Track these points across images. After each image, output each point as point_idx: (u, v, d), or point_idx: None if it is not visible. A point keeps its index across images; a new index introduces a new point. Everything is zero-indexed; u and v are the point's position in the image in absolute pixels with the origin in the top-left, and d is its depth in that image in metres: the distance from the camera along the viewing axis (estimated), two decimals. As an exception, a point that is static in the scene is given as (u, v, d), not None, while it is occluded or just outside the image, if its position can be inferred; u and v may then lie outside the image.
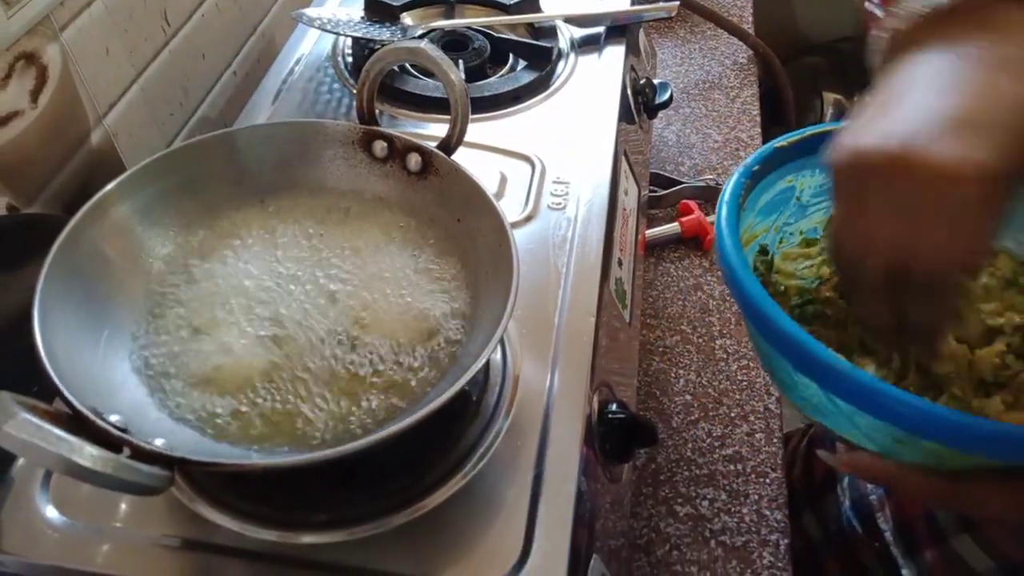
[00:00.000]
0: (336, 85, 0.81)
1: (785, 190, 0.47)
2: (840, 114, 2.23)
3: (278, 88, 0.80)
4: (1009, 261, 0.43)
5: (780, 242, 0.47)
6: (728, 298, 0.87)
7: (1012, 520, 0.41)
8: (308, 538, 0.48)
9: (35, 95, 0.63)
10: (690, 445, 0.73)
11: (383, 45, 0.77)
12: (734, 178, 0.44)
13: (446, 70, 0.56)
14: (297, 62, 0.84)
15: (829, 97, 2.21)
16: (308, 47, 0.86)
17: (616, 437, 0.56)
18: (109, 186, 0.53)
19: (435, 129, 0.75)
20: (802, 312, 0.43)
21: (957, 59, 0.34)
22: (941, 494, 0.37)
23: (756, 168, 0.45)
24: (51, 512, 0.49)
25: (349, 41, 0.86)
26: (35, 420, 0.35)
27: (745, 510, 0.69)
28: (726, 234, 0.40)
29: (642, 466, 0.72)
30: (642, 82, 0.87)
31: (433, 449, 0.51)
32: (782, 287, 0.44)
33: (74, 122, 0.68)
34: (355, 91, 0.60)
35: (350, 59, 0.84)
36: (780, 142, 0.46)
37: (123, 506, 0.49)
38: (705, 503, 0.68)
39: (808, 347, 0.35)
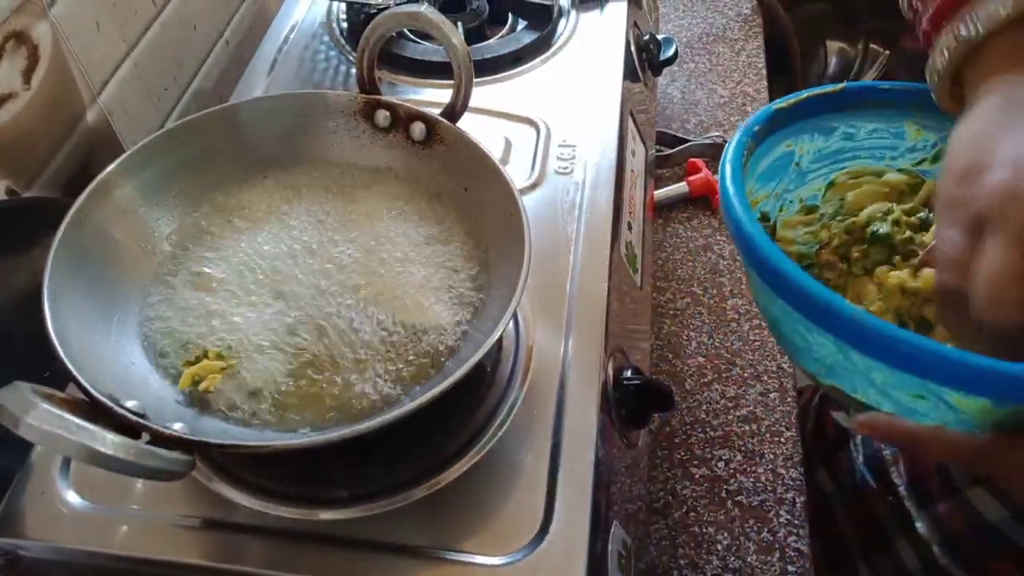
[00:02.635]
0: (332, 52, 0.79)
1: (784, 155, 0.46)
2: (843, 63, 2.20)
3: (273, 57, 0.79)
4: None
5: (780, 209, 0.46)
6: (738, 258, 0.86)
7: None
8: (327, 514, 0.48)
9: (27, 75, 0.61)
10: (704, 407, 0.73)
11: (379, 10, 0.76)
12: (736, 137, 0.43)
13: (448, 34, 0.54)
14: (292, 30, 0.82)
15: (833, 46, 2.16)
16: (301, 14, 0.84)
17: (632, 402, 0.56)
18: (111, 167, 0.52)
19: (435, 94, 0.73)
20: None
21: None
22: (960, 454, 0.36)
23: (757, 128, 0.43)
24: (71, 496, 0.49)
25: (343, 6, 0.84)
26: (54, 410, 0.35)
27: (761, 470, 0.69)
28: (732, 193, 0.39)
29: (657, 430, 0.72)
30: (646, 38, 0.85)
31: (450, 422, 0.51)
32: (791, 249, 0.43)
33: (68, 101, 0.67)
34: (352, 58, 0.59)
35: (345, 25, 0.82)
36: (780, 103, 0.45)
37: (143, 488, 0.49)
38: (721, 464, 0.68)
39: (824, 297, 0.33)
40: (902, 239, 0.39)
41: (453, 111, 0.58)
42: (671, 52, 0.86)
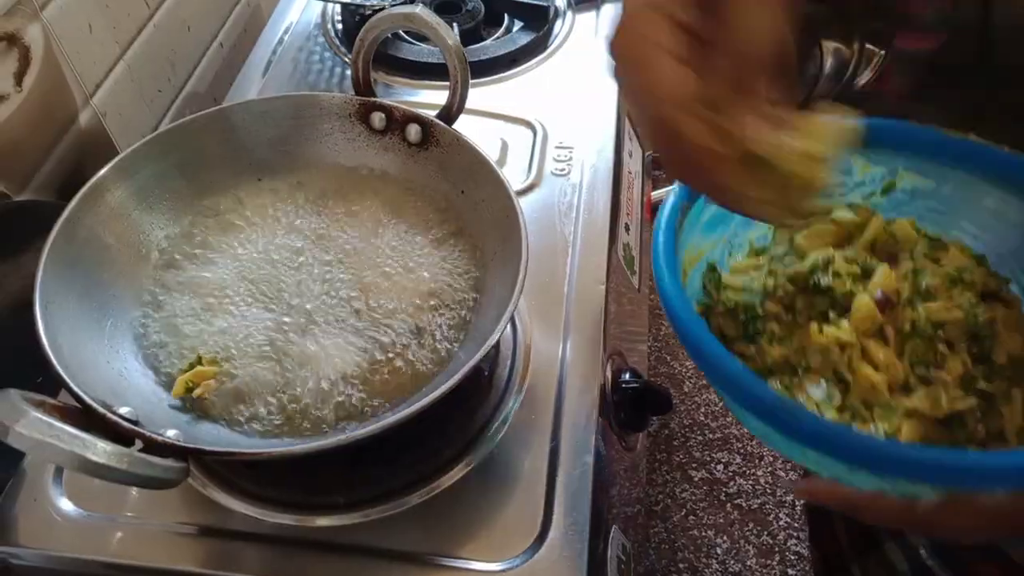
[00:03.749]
0: (327, 54, 0.78)
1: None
2: (839, 63, 2.20)
3: (267, 59, 0.78)
4: (959, 254, 0.41)
5: (729, 255, 0.43)
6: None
7: (982, 539, 0.40)
8: (323, 521, 0.47)
9: (19, 78, 0.61)
10: (703, 409, 0.73)
11: (373, 11, 0.75)
12: (669, 201, 0.40)
13: (444, 36, 0.54)
14: (286, 31, 0.82)
15: (828, 46, 2.17)
16: (296, 15, 0.84)
17: (631, 406, 0.55)
18: (103, 170, 0.52)
19: (431, 96, 0.73)
20: (746, 330, 0.40)
21: None
22: (901, 520, 0.35)
23: (686, 193, 0.41)
24: (65, 504, 0.48)
25: (338, 8, 0.83)
26: (45, 418, 0.34)
27: (760, 472, 0.68)
28: (663, 265, 0.37)
29: (655, 432, 0.72)
30: (642, 39, 0.85)
31: (447, 427, 0.50)
32: (732, 304, 0.41)
33: (61, 104, 0.66)
34: (347, 60, 0.59)
35: (340, 26, 0.82)
36: None
37: (137, 495, 0.49)
38: (720, 467, 0.68)
39: (747, 383, 0.33)
40: (843, 292, 0.39)
41: (449, 113, 0.57)
42: (667, 53, 0.86)
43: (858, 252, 0.41)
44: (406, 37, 0.79)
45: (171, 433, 0.40)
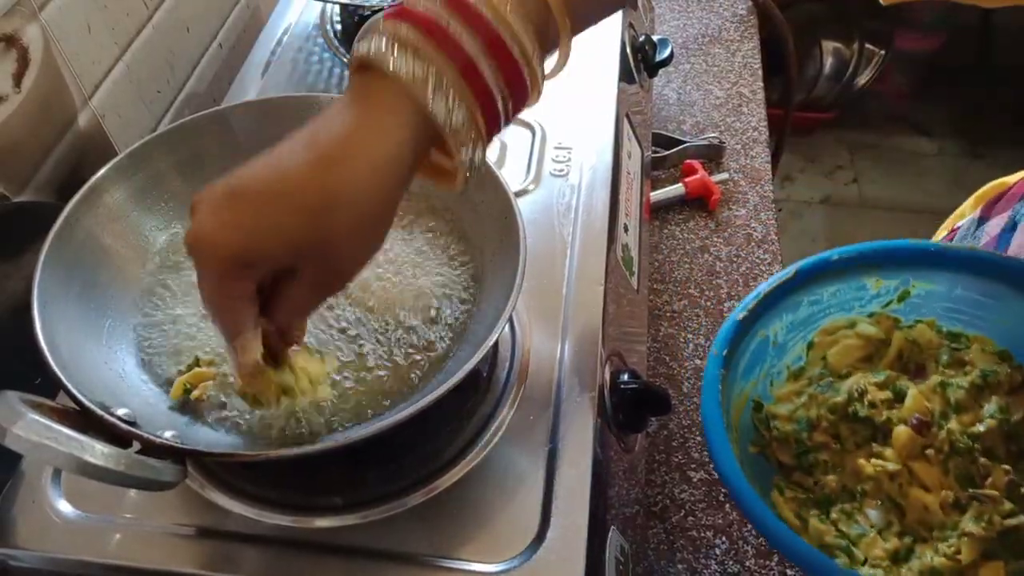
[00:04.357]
0: (326, 55, 0.78)
1: (760, 342, 0.47)
2: (839, 63, 2.20)
3: (267, 60, 0.78)
4: (981, 352, 0.43)
5: (771, 384, 0.47)
6: (735, 259, 0.86)
7: None
8: (323, 522, 0.47)
9: (18, 79, 0.61)
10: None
11: (373, 12, 0.75)
12: (708, 370, 0.45)
13: (442, 37, 0.54)
14: (285, 32, 0.81)
15: (828, 46, 2.16)
16: (295, 16, 0.84)
17: (629, 407, 0.55)
18: (102, 171, 0.52)
19: (431, 97, 0.73)
20: (800, 461, 0.43)
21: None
22: None
23: (726, 353, 0.45)
24: (63, 505, 0.48)
25: (337, 8, 0.83)
26: (43, 420, 0.34)
27: (758, 472, 0.68)
28: (716, 444, 0.42)
29: (654, 433, 0.72)
30: (641, 39, 0.85)
31: (445, 428, 0.50)
32: (783, 435, 0.45)
33: (60, 105, 0.66)
34: (346, 60, 0.58)
35: (339, 27, 0.82)
36: (740, 313, 0.47)
37: (136, 496, 0.49)
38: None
39: (816, 560, 0.36)
40: (881, 421, 0.42)
41: (448, 114, 0.57)
42: (667, 53, 0.86)
43: (887, 370, 0.43)
44: (405, 38, 0.79)
45: (169, 435, 0.40)
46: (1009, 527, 0.36)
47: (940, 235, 0.71)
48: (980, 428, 0.39)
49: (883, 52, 2.14)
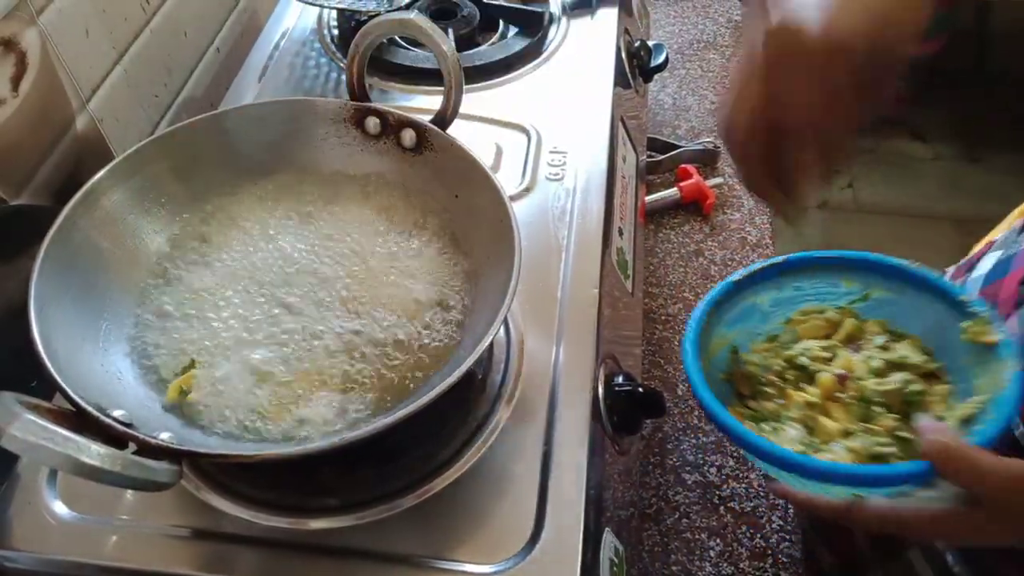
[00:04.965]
0: (323, 60, 0.79)
1: (749, 306, 0.60)
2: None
3: (264, 65, 0.79)
4: (910, 346, 0.55)
5: (751, 341, 0.60)
6: (730, 263, 0.87)
7: (874, 530, 0.51)
8: (318, 523, 0.48)
9: (16, 82, 0.61)
10: (696, 412, 0.73)
11: (370, 17, 0.75)
12: (698, 310, 0.57)
13: (438, 41, 0.54)
14: (282, 37, 0.82)
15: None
16: (292, 21, 0.84)
17: (624, 409, 0.56)
18: (99, 174, 0.52)
19: (426, 101, 0.73)
20: (754, 391, 0.57)
21: None
22: (826, 509, 0.49)
23: (717, 299, 0.58)
24: (59, 507, 0.48)
25: (334, 13, 0.84)
26: (39, 421, 0.35)
27: (753, 475, 0.69)
28: (693, 374, 0.53)
29: (649, 435, 0.72)
30: (636, 44, 0.85)
31: (440, 430, 0.51)
32: (749, 373, 0.58)
33: (58, 108, 0.66)
34: (343, 65, 0.59)
35: (336, 32, 0.82)
36: (736, 276, 0.59)
37: (131, 498, 0.49)
38: (713, 470, 0.68)
39: (738, 432, 0.49)
40: (816, 370, 0.55)
41: (443, 118, 0.58)
42: (662, 58, 0.86)
43: (836, 343, 0.57)
44: (401, 42, 0.79)
45: (164, 436, 0.40)
46: (877, 453, 0.49)
47: (978, 247, 0.73)
48: (883, 388, 0.52)
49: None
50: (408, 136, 0.58)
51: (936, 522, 0.45)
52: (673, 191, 0.93)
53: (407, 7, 0.80)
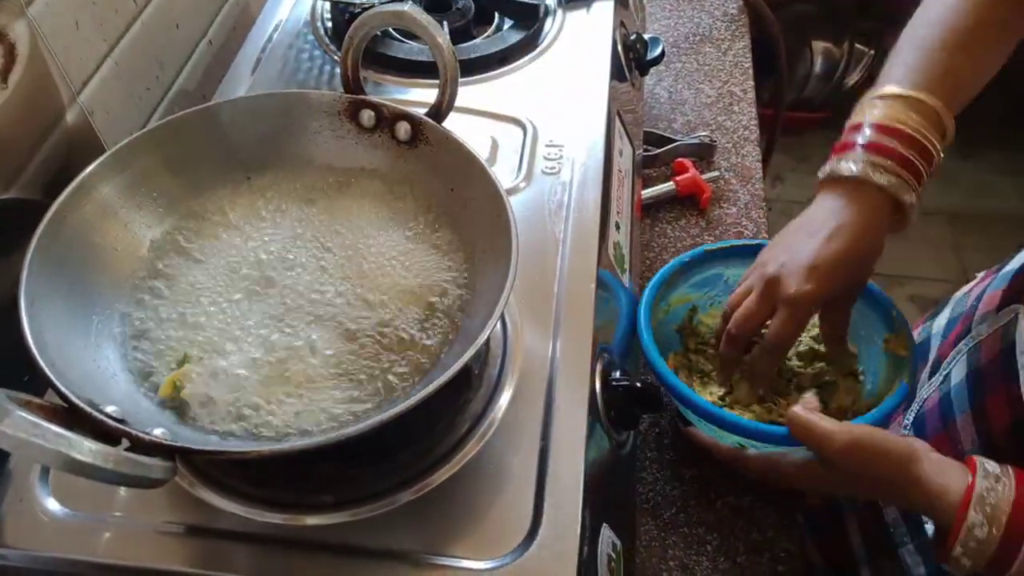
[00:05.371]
0: (317, 52, 0.78)
1: (715, 274, 0.70)
2: (829, 63, 2.21)
3: (257, 57, 0.78)
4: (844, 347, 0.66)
5: (710, 306, 0.71)
6: (726, 257, 0.87)
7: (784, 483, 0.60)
8: (314, 520, 0.47)
9: (4, 75, 0.60)
10: (692, 407, 0.73)
11: (363, 9, 0.75)
12: (664, 268, 0.68)
13: (433, 34, 0.54)
14: (275, 29, 0.81)
15: (818, 46, 2.17)
16: (285, 13, 0.83)
17: (621, 404, 0.55)
18: (90, 168, 0.51)
19: (421, 94, 0.73)
20: (697, 347, 0.69)
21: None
22: (737, 461, 0.63)
23: (687, 260, 0.68)
24: (52, 504, 0.48)
25: (327, 5, 0.83)
26: (31, 417, 0.34)
27: (750, 471, 0.68)
28: (642, 315, 0.64)
29: (646, 430, 0.72)
30: (632, 38, 0.85)
31: (437, 425, 0.50)
32: (699, 331, 0.70)
33: (47, 101, 0.65)
34: (337, 58, 0.58)
35: (329, 24, 0.81)
36: (710, 247, 0.69)
37: (125, 495, 0.49)
38: (710, 464, 0.68)
39: (670, 382, 0.61)
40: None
41: (439, 111, 0.57)
42: (658, 52, 0.86)
43: None
44: (396, 35, 0.78)
45: (158, 432, 0.40)
46: (774, 421, 0.62)
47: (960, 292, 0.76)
48: (798, 370, 0.66)
49: (873, 52, 2.15)
50: (403, 129, 0.58)
51: (799, 470, 0.57)
52: (669, 185, 0.92)
53: (401, -1, 0.80)
